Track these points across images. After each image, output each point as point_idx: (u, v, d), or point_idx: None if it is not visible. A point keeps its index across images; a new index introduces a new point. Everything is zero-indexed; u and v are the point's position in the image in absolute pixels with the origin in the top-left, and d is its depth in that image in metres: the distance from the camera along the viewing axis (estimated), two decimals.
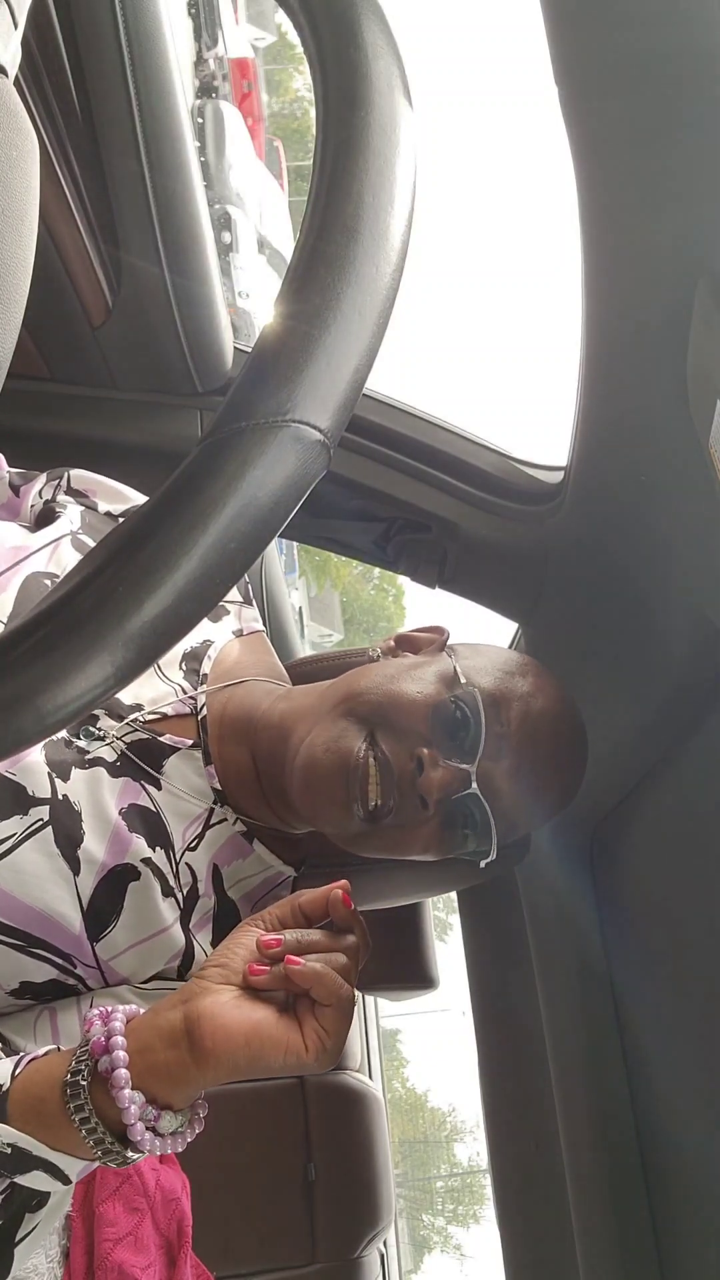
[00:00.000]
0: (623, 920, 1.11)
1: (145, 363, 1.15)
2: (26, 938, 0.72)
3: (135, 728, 0.79)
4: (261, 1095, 1.60)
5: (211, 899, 0.81)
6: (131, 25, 0.87)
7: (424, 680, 0.76)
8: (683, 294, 0.65)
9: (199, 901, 0.80)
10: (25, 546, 0.81)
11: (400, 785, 0.73)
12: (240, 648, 0.90)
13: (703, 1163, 0.93)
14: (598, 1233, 1.05)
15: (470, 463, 1.12)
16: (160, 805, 0.78)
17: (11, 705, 0.33)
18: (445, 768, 0.72)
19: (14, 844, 0.71)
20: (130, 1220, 1.19)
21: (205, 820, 0.80)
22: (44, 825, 0.72)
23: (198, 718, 0.82)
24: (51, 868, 0.72)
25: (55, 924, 0.72)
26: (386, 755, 0.72)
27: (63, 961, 0.74)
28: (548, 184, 40.54)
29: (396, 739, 0.73)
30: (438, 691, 0.75)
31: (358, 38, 0.42)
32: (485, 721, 0.73)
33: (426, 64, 37.42)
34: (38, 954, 0.73)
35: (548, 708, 0.77)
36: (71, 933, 0.73)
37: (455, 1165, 22.34)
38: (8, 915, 0.71)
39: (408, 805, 0.73)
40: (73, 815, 0.73)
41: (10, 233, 0.44)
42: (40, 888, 0.71)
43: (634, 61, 0.58)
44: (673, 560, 0.86)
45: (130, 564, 0.35)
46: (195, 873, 0.79)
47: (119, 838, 0.75)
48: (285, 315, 0.38)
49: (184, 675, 0.84)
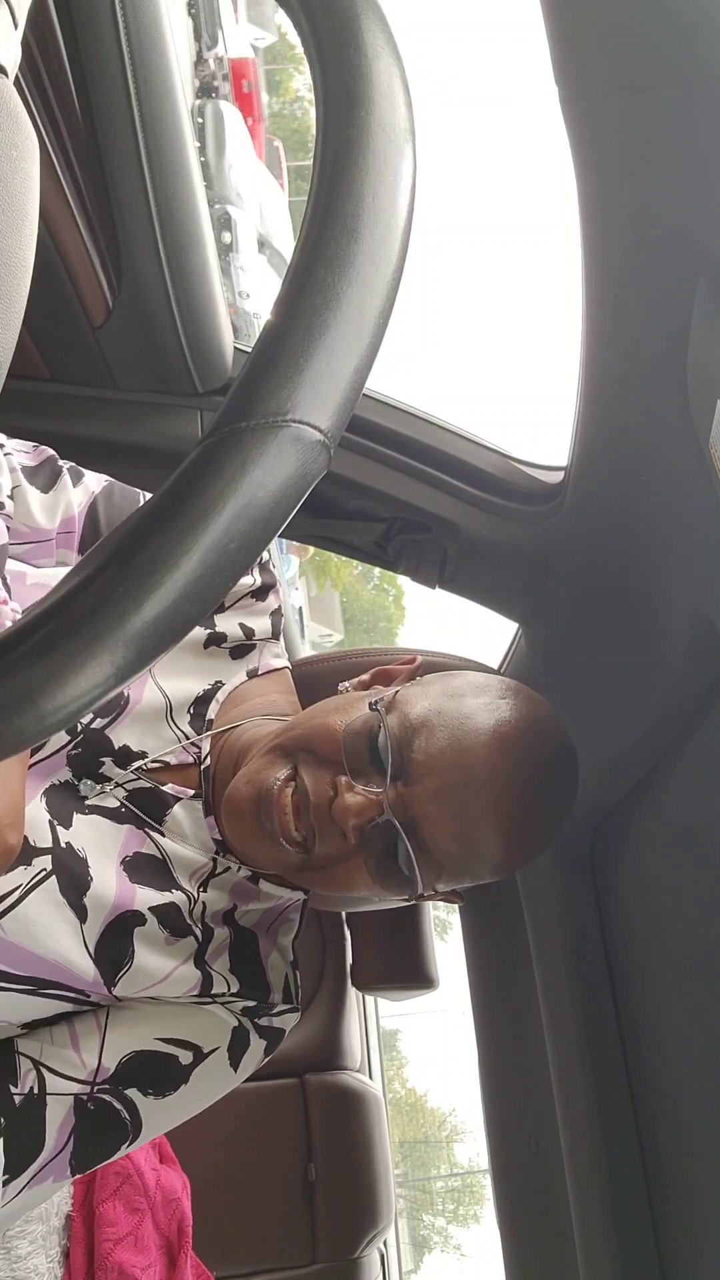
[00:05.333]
0: (623, 920, 1.11)
1: (145, 363, 1.15)
2: (37, 982, 0.71)
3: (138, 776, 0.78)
4: (261, 1095, 1.60)
5: (226, 930, 0.80)
6: (131, 25, 0.87)
7: (353, 710, 0.74)
8: (683, 294, 0.65)
9: (214, 934, 0.79)
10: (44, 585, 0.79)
11: (318, 815, 0.70)
12: (255, 688, 0.87)
13: (703, 1162, 0.93)
14: (598, 1233, 1.05)
15: (470, 463, 1.12)
16: (166, 853, 0.77)
17: (11, 705, 0.33)
18: (358, 794, 0.70)
19: (19, 896, 0.70)
20: (130, 1220, 1.19)
21: (210, 871, 0.79)
22: (48, 875, 0.71)
23: (200, 767, 0.80)
24: (59, 917, 0.71)
25: (67, 971, 0.72)
26: (305, 785, 0.71)
27: (77, 996, 0.74)
28: (547, 184, 40.58)
29: (317, 769, 0.72)
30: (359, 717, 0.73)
31: (358, 38, 0.42)
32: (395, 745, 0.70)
33: (426, 64, 37.42)
34: (49, 994, 0.73)
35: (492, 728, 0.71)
36: (85, 979, 0.72)
37: (455, 1165, 22.34)
38: (17, 966, 0.70)
39: (330, 835, 0.71)
40: (78, 862, 0.73)
41: (10, 233, 0.44)
42: (50, 937, 0.70)
43: (634, 61, 0.58)
44: (673, 561, 0.86)
45: (130, 564, 0.35)
46: (207, 911, 0.79)
47: (125, 885, 0.74)
48: (285, 315, 0.38)
49: (190, 721, 0.82)
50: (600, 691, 1.04)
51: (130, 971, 0.74)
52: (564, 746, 0.76)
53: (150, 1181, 1.24)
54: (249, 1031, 0.79)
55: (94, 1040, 0.74)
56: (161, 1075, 0.74)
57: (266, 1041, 0.80)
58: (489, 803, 0.70)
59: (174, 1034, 0.76)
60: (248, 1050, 0.78)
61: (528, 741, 0.72)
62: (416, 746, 0.70)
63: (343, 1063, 1.67)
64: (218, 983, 0.78)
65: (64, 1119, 0.71)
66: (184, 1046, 0.75)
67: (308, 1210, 1.56)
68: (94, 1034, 0.74)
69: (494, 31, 38.97)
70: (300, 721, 0.76)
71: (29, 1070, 0.71)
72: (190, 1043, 0.76)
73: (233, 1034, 0.78)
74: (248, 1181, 1.55)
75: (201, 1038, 0.77)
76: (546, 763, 0.73)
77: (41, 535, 0.84)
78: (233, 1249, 1.50)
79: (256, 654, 0.90)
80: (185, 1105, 0.77)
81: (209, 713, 0.83)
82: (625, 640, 1.00)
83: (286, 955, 0.85)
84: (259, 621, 0.91)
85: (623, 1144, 1.06)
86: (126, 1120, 0.73)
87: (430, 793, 0.69)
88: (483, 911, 1.40)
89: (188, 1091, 0.75)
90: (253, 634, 0.89)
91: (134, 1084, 0.73)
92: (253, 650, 0.90)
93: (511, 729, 0.72)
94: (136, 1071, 0.74)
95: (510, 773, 0.70)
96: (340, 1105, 1.62)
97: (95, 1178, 1.20)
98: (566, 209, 0.74)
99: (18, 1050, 0.72)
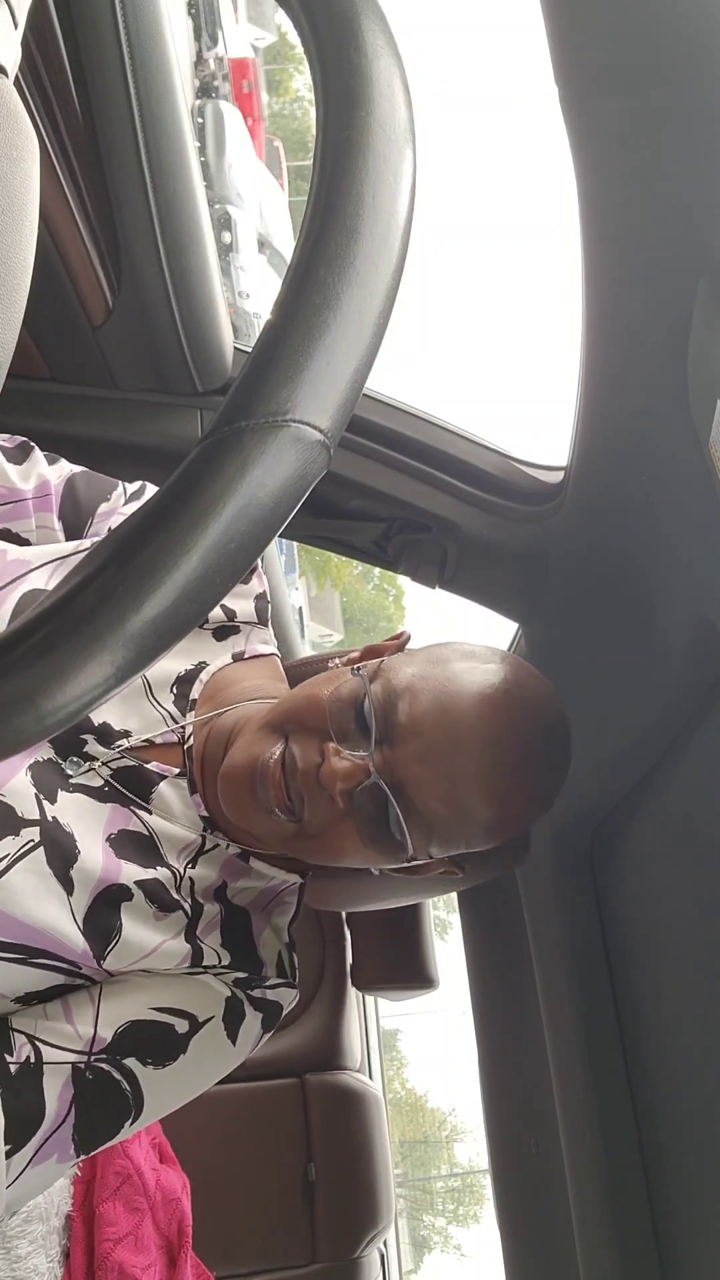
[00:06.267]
0: (623, 920, 1.11)
1: (145, 363, 1.15)
2: (27, 950, 0.72)
3: (122, 754, 0.79)
4: (261, 1095, 1.61)
5: (217, 906, 0.81)
6: (131, 25, 0.87)
7: (337, 678, 0.75)
8: (683, 294, 0.65)
9: (204, 909, 0.80)
10: (26, 561, 0.81)
11: (305, 781, 0.71)
12: (239, 672, 0.88)
13: (704, 1162, 0.93)
14: (598, 1233, 1.05)
15: (470, 463, 1.12)
16: (154, 829, 0.78)
17: (11, 705, 0.33)
18: (345, 759, 0.71)
19: (7, 865, 0.71)
20: (130, 1220, 1.19)
21: (199, 847, 0.80)
22: (36, 846, 0.72)
23: (184, 746, 0.81)
24: (45, 887, 0.72)
25: (56, 940, 0.72)
26: (295, 756, 0.72)
27: (68, 967, 0.74)
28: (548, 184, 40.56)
29: (306, 739, 0.73)
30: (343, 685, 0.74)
31: (358, 38, 0.42)
32: (380, 709, 0.71)
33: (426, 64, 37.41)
34: (40, 964, 0.73)
35: (477, 689, 0.71)
36: (75, 949, 0.73)
37: (455, 1165, 22.34)
38: (6, 934, 0.71)
39: (319, 801, 0.72)
40: (65, 836, 0.73)
41: (10, 233, 0.44)
42: (37, 906, 0.71)
43: (634, 61, 0.58)
44: (673, 561, 0.86)
45: (130, 564, 0.35)
46: (196, 887, 0.79)
47: (111, 860, 0.75)
48: (285, 315, 0.38)
49: (174, 700, 0.83)
50: (600, 691, 1.04)
51: (119, 944, 0.74)
52: (552, 710, 0.76)
53: (150, 1181, 1.24)
54: (243, 1002, 0.79)
55: (89, 1012, 0.74)
56: (159, 1044, 0.75)
57: (262, 1014, 0.80)
58: (475, 763, 0.70)
59: (168, 1003, 0.76)
60: (243, 1022, 0.79)
61: (513, 703, 0.72)
62: (400, 709, 0.71)
63: (343, 1063, 1.67)
64: (209, 955, 0.78)
65: (62, 1087, 0.71)
66: (179, 1015, 0.76)
67: (308, 1210, 1.56)
68: (88, 1006, 0.74)
69: (494, 31, 38.96)
70: (289, 696, 0.77)
71: (24, 1044, 0.71)
72: (185, 1011, 0.76)
73: (226, 1004, 0.78)
74: (248, 1181, 1.55)
75: (196, 1007, 0.77)
76: (534, 724, 0.73)
77: (17, 495, 0.87)
78: (233, 1249, 1.51)
79: (242, 638, 0.91)
80: (186, 1079, 0.77)
81: (192, 693, 0.84)
82: (625, 640, 1.00)
83: (281, 936, 0.85)
84: (241, 604, 0.92)
85: (623, 1144, 1.06)
86: (127, 1091, 0.73)
87: (415, 754, 0.70)
88: (483, 911, 1.40)
89: (187, 1063, 0.76)
90: (234, 615, 0.90)
91: (132, 1053, 0.74)
92: (237, 633, 0.91)
93: (497, 690, 0.72)
94: (133, 1040, 0.74)
95: (495, 733, 0.70)
96: (340, 1105, 1.62)
97: (95, 1177, 1.20)
98: (566, 209, 0.74)
99: (12, 1027, 0.72)
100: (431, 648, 0.78)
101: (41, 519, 0.88)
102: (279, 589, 1.72)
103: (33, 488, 0.87)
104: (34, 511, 0.88)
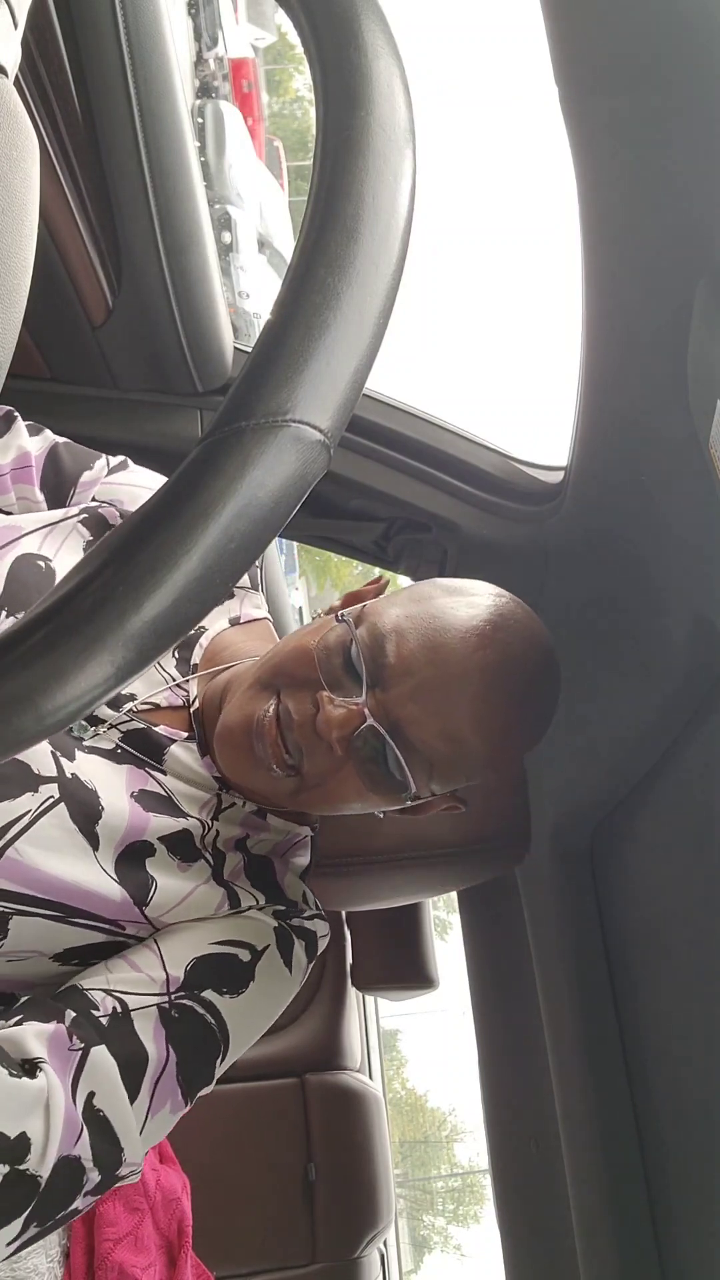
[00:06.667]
0: (623, 920, 1.11)
1: (145, 363, 1.15)
2: (63, 908, 0.73)
3: (130, 717, 0.79)
4: (261, 1095, 1.60)
5: (239, 855, 0.82)
6: (131, 25, 0.87)
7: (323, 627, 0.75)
8: (683, 294, 0.65)
9: (225, 857, 0.81)
10: (17, 527, 0.81)
11: (302, 732, 0.72)
12: (236, 636, 0.89)
13: (704, 1162, 0.93)
14: (598, 1232, 1.05)
15: (470, 463, 1.12)
16: (170, 790, 0.79)
17: (11, 705, 0.33)
18: (339, 706, 0.71)
19: (30, 821, 0.71)
20: (130, 1220, 1.19)
21: (216, 806, 0.81)
22: (56, 802, 0.72)
23: (190, 709, 0.82)
24: (71, 842, 0.72)
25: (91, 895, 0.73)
26: (289, 709, 0.72)
27: (109, 926, 0.75)
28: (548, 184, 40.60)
29: (298, 691, 0.73)
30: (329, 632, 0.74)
31: (358, 38, 0.42)
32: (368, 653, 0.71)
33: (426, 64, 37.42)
34: (78, 923, 0.74)
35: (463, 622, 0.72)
36: (113, 901, 0.74)
37: (455, 1165, 22.33)
38: (40, 889, 0.71)
39: (318, 751, 0.72)
40: (87, 792, 0.74)
41: (10, 233, 0.44)
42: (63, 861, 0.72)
43: (634, 61, 0.58)
44: (673, 560, 0.86)
45: (130, 564, 0.35)
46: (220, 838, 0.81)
47: (137, 814, 0.76)
48: (285, 315, 0.38)
49: (175, 665, 0.84)
50: (600, 691, 1.04)
51: (158, 891, 0.75)
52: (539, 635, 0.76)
53: (150, 1181, 1.24)
54: (288, 931, 0.81)
55: (153, 959, 0.75)
56: (229, 973, 0.76)
57: (304, 942, 0.82)
58: (468, 695, 0.70)
59: (226, 936, 0.78)
60: (293, 950, 0.81)
61: (501, 632, 0.73)
62: (389, 651, 0.71)
63: (343, 1063, 1.67)
64: (245, 898, 0.80)
65: (154, 1030, 0.71)
66: (239, 946, 0.78)
67: (308, 1210, 1.56)
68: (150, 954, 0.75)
69: (494, 31, 38.99)
70: (275, 650, 0.77)
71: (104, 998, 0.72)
72: (243, 942, 0.78)
73: (275, 934, 0.80)
74: (248, 1181, 1.55)
75: (251, 937, 0.79)
76: (523, 651, 0.74)
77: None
78: (233, 1249, 1.51)
79: (237, 603, 0.92)
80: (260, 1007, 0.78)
81: (193, 657, 0.85)
82: (625, 640, 1.00)
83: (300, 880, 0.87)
84: None
85: (623, 1144, 1.06)
86: (213, 1025, 0.74)
87: (408, 693, 0.70)
88: (483, 911, 1.40)
89: (256, 991, 0.77)
90: None
91: (208, 984, 0.75)
92: (231, 598, 0.92)
93: (483, 621, 0.73)
94: (205, 973, 0.75)
95: (486, 663, 0.71)
96: (340, 1105, 1.62)
97: None
98: (566, 209, 0.74)
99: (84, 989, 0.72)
100: (413, 587, 0.79)
101: (21, 490, 0.88)
102: (279, 589, 1.72)
103: (11, 460, 0.87)
104: (13, 484, 0.88)
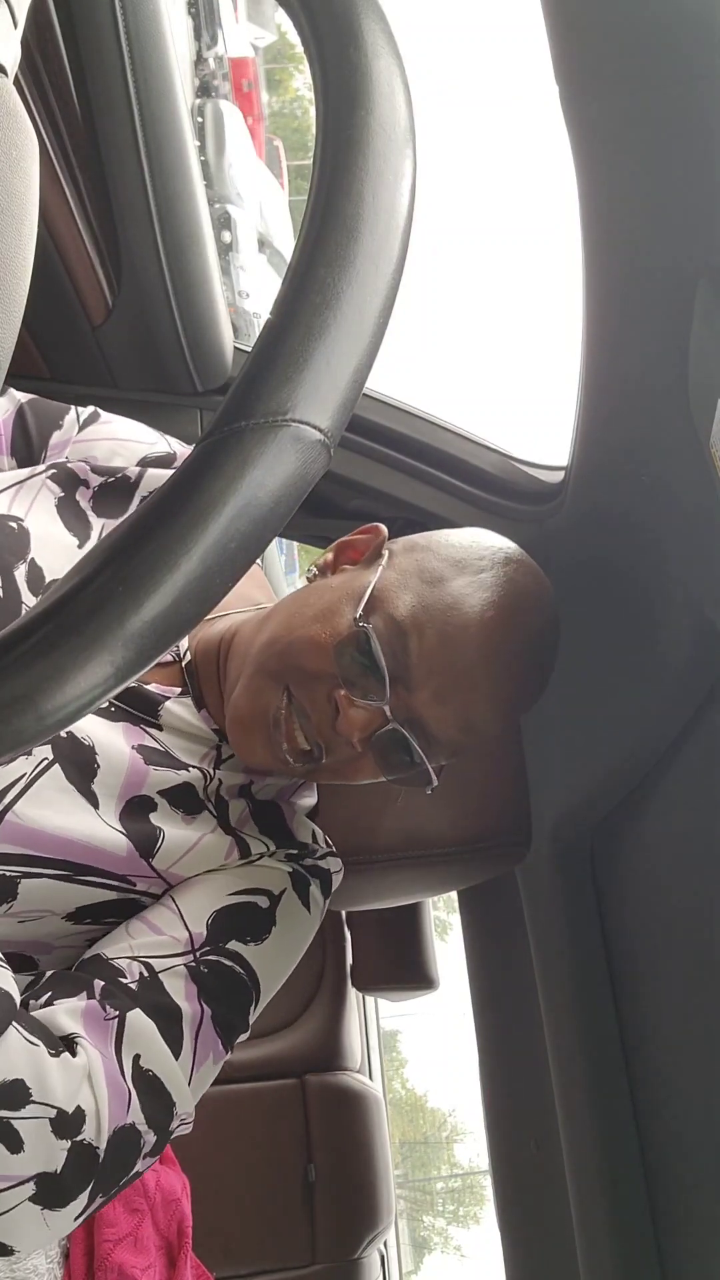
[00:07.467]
0: (623, 920, 1.11)
1: (145, 363, 1.15)
2: (69, 866, 0.72)
3: None
4: (261, 1095, 1.60)
5: (244, 802, 0.82)
6: (131, 25, 0.87)
7: (332, 614, 0.73)
8: (683, 294, 0.65)
9: (229, 805, 0.80)
10: None
11: (322, 729, 0.72)
12: None
13: (704, 1162, 0.93)
14: (598, 1233, 1.05)
15: (470, 463, 1.12)
16: (168, 745, 0.78)
17: (11, 705, 0.33)
18: (360, 707, 0.70)
19: (27, 782, 0.71)
20: (130, 1221, 1.19)
21: (217, 756, 0.81)
22: (51, 764, 0.72)
23: (181, 664, 0.82)
24: (70, 802, 0.72)
25: (98, 850, 0.72)
26: (304, 705, 0.72)
27: (119, 883, 0.74)
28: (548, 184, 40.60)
29: (311, 686, 0.72)
30: (344, 627, 0.72)
31: (358, 37, 0.42)
32: (389, 651, 0.70)
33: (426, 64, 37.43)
34: (87, 880, 0.73)
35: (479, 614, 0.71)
36: (119, 855, 0.73)
37: (455, 1166, 22.33)
38: (44, 849, 0.71)
39: (339, 745, 0.72)
40: (83, 750, 0.73)
41: (10, 233, 0.44)
42: (65, 818, 0.71)
43: (634, 61, 0.58)
44: (673, 560, 0.86)
45: (130, 564, 0.35)
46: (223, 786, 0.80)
47: (135, 769, 0.75)
48: (285, 315, 0.38)
49: None
50: (600, 691, 1.04)
51: (165, 841, 0.75)
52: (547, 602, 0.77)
53: (150, 1182, 1.24)
54: (303, 872, 0.81)
55: (173, 918, 0.74)
56: (251, 921, 0.76)
57: (319, 880, 0.82)
58: (485, 685, 0.71)
59: (242, 886, 0.78)
60: (309, 890, 0.81)
61: (518, 615, 0.73)
62: (410, 649, 0.71)
63: (343, 1063, 1.67)
64: (254, 845, 0.79)
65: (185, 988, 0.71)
66: (257, 893, 0.78)
67: (308, 1211, 1.55)
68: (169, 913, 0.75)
69: (494, 31, 38.99)
70: (281, 634, 0.74)
71: (130, 964, 0.71)
72: (261, 888, 0.78)
73: (291, 877, 0.80)
74: (248, 1181, 1.55)
75: (267, 883, 0.79)
76: (539, 629, 0.75)
77: None
78: (233, 1249, 1.50)
79: None
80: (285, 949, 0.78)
81: None
82: (626, 640, 1.00)
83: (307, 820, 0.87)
84: None
85: (623, 1144, 1.05)
86: (243, 975, 0.74)
87: (433, 695, 0.71)
88: (483, 911, 1.40)
89: (279, 935, 0.77)
90: None
91: (232, 936, 0.75)
92: None
93: (501, 608, 0.73)
94: (227, 925, 0.75)
95: (507, 655, 0.72)
96: (340, 1105, 1.62)
97: None
98: (566, 209, 0.74)
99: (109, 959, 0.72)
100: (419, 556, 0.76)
101: None
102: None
103: None
104: None
